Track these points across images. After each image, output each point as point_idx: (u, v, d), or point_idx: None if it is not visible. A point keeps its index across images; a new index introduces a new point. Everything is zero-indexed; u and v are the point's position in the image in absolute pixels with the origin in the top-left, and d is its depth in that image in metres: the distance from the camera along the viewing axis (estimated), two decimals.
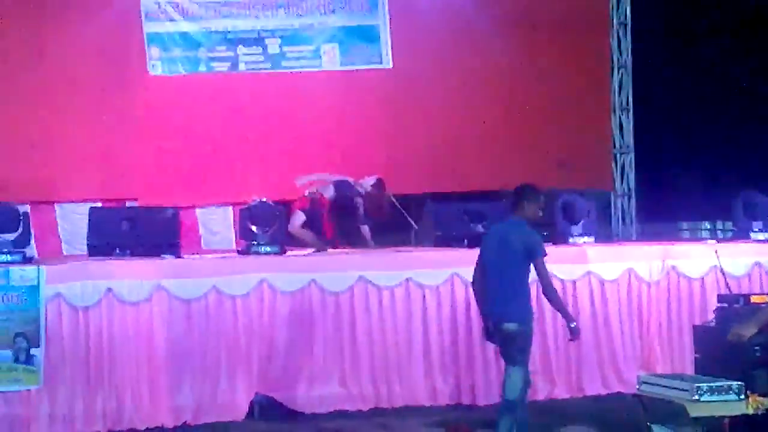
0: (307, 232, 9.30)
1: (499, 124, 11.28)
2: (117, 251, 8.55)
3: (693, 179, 12.68)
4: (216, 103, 10.84)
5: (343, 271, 8.46)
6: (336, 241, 9.49)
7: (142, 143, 10.60)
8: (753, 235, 9.48)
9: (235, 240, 10.19)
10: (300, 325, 8.31)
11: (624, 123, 12.05)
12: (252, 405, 8.18)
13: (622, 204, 12.06)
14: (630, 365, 8.83)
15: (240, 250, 9.02)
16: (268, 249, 8.68)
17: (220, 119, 10.82)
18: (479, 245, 9.02)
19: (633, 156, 12.05)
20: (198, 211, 10.89)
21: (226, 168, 10.77)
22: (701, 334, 7.50)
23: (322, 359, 8.34)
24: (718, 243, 9.43)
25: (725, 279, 8.54)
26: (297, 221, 9.24)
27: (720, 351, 6.85)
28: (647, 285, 9.00)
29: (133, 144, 10.55)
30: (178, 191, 10.49)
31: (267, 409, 8.20)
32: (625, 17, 11.96)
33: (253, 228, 8.85)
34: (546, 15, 11.54)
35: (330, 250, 9.27)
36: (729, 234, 10.74)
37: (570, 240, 9.29)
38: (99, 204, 10.14)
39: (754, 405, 6.22)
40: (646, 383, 6.73)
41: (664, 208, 12.84)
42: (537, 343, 8.68)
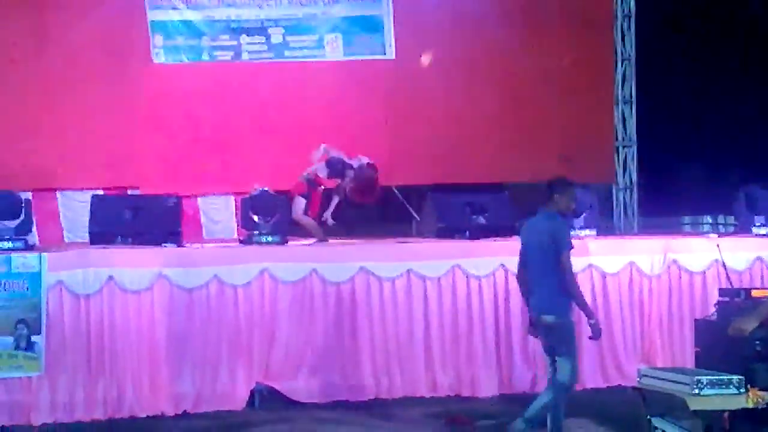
0: (311, 220, 9.28)
1: (502, 115, 11.27)
2: (119, 239, 8.56)
3: (695, 173, 12.67)
4: (219, 92, 10.83)
5: (345, 262, 8.47)
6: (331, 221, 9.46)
7: (144, 131, 10.59)
8: (755, 230, 9.48)
9: (237, 229, 10.19)
10: (301, 315, 8.32)
11: (627, 116, 12.03)
12: (252, 394, 8.20)
13: (624, 197, 12.05)
14: (631, 358, 8.84)
15: (241, 239, 9.03)
16: (269, 239, 8.68)
17: (222, 108, 10.80)
18: (480, 237, 9.08)
19: (635, 149, 12.04)
20: (200, 200, 10.89)
21: (228, 157, 10.76)
22: (702, 327, 7.50)
23: (322, 349, 8.35)
24: (719, 237, 9.43)
25: (726, 273, 8.55)
26: (299, 207, 9.22)
27: (721, 345, 6.86)
28: (648, 278, 9.00)
29: (136, 132, 10.55)
30: (180, 180, 10.47)
31: (267, 399, 8.22)
32: (629, 10, 11.92)
33: (255, 217, 8.86)
34: (550, 6, 11.51)
35: (331, 240, 9.27)
36: (731, 228, 10.73)
37: (572, 233, 9.27)
38: (101, 192, 10.14)
39: (754, 399, 6.22)
40: (646, 376, 6.73)
41: (666, 201, 12.84)
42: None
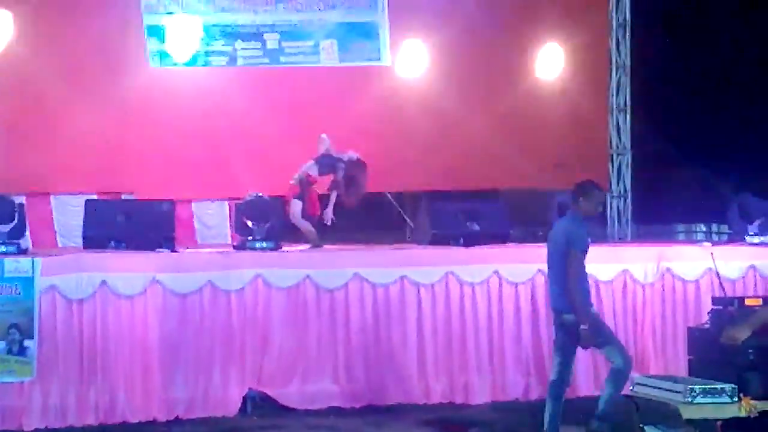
0: (307, 223, 9.25)
1: (497, 122, 11.27)
2: (112, 244, 8.54)
3: (689, 181, 12.67)
4: (214, 98, 10.81)
5: (339, 268, 8.46)
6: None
7: (139, 136, 10.56)
8: (748, 239, 9.50)
9: (231, 234, 10.17)
10: (294, 322, 8.31)
11: (621, 124, 12.05)
12: (245, 400, 8.18)
13: (617, 205, 12.06)
14: None
15: (235, 245, 9.01)
16: (263, 244, 8.67)
17: (217, 113, 10.79)
18: (474, 244, 9.09)
19: (630, 157, 12.06)
20: (194, 205, 10.87)
21: (222, 162, 10.74)
22: (695, 336, 7.51)
23: (315, 356, 8.34)
24: (713, 245, 9.44)
25: (720, 281, 8.56)
26: (296, 209, 9.20)
27: (714, 353, 6.86)
28: (642, 286, 9.01)
29: (130, 137, 10.52)
30: (174, 184, 10.45)
31: (260, 405, 8.20)
32: (625, 18, 11.95)
33: (249, 223, 8.85)
34: (545, 14, 11.54)
35: (326, 246, 9.26)
36: (724, 237, 10.74)
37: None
38: (95, 196, 10.10)
39: (746, 408, 6.23)
40: (639, 384, 6.74)
41: (659, 209, 12.83)
42: (531, 343, 8.73)
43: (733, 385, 6.31)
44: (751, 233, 9.52)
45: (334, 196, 9.43)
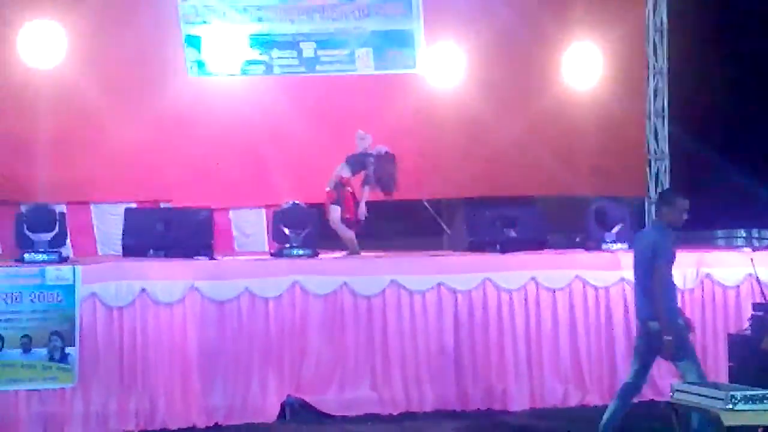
0: (348, 232, 9.27)
1: (533, 129, 11.23)
2: (151, 252, 8.64)
3: (729, 186, 12.55)
4: (251, 106, 10.88)
5: (376, 275, 8.48)
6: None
7: (177, 145, 10.65)
8: None
9: (268, 242, 10.23)
10: (332, 328, 8.34)
11: (659, 129, 11.97)
12: (283, 407, 8.21)
13: (656, 211, 11.97)
14: (663, 373, 8.73)
15: (273, 252, 9.07)
16: (300, 252, 8.72)
17: (254, 122, 10.86)
18: (511, 250, 9.08)
19: (668, 162, 11.97)
20: (231, 213, 10.93)
21: (259, 170, 10.80)
22: (736, 342, 7.45)
23: (353, 363, 8.36)
24: (753, 251, 9.34)
25: (761, 287, 8.48)
26: (335, 215, 9.23)
27: (755, 360, 6.81)
28: (681, 292, 8.89)
29: (169, 146, 10.62)
30: (212, 193, 10.53)
31: (298, 412, 8.23)
32: (662, 23, 11.88)
33: (286, 230, 8.90)
34: (580, 19, 11.49)
35: (363, 253, 9.28)
36: (765, 242, 10.63)
37: (603, 246, 9.26)
38: (134, 205, 10.21)
39: None
40: (679, 391, 6.67)
41: (698, 215, 12.69)
42: (569, 350, 8.69)
43: None
44: None
45: (366, 191, 9.40)
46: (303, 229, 8.89)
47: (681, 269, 8.92)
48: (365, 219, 9.40)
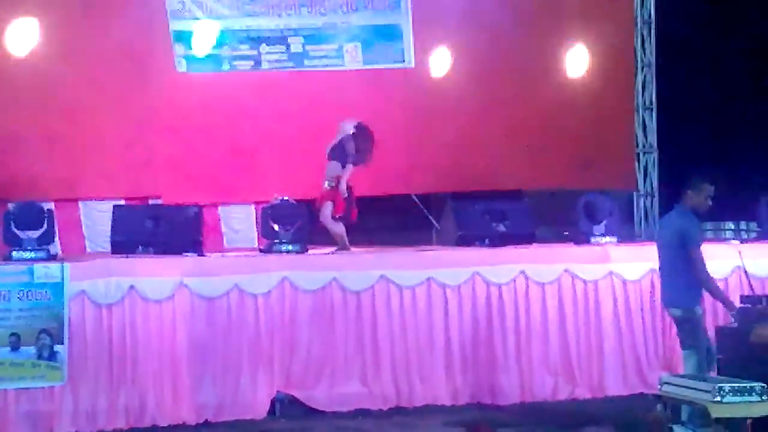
0: (339, 225, 9.25)
1: (522, 122, 11.24)
2: (140, 249, 8.61)
3: (717, 179, 12.58)
4: (239, 102, 10.86)
5: (365, 270, 8.48)
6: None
7: (166, 141, 10.63)
8: None
9: (258, 238, 10.22)
10: (321, 324, 8.34)
11: (647, 122, 11.99)
12: (273, 403, 8.21)
13: (645, 204, 12.00)
14: (652, 366, 8.81)
15: (262, 248, 9.06)
16: (290, 248, 8.71)
17: (243, 117, 10.84)
18: (500, 244, 9.08)
19: (656, 155, 12.00)
20: (220, 209, 10.92)
21: (248, 166, 10.78)
22: (724, 334, 7.45)
23: (343, 358, 8.36)
24: (741, 243, 9.36)
25: (748, 280, 8.49)
26: (328, 211, 9.22)
27: (743, 352, 6.82)
28: None
29: (157, 142, 10.59)
30: (200, 189, 10.51)
31: (288, 408, 8.23)
32: (650, 16, 11.89)
33: (275, 226, 8.89)
34: (570, 13, 11.50)
35: (352, 248, 9.28)
36: (753, 234, 10.65)
37: (592, 240, 9.28)
38: (122, 202, 10.18)
39: None
40: (668, 384, 6.69)
41: None
42: (558, 344, 8.71)
43: (763, 384, 6.25)
44: None
45: (348, 169, 9.31)
46: (292, 225, 8.88)
47: None
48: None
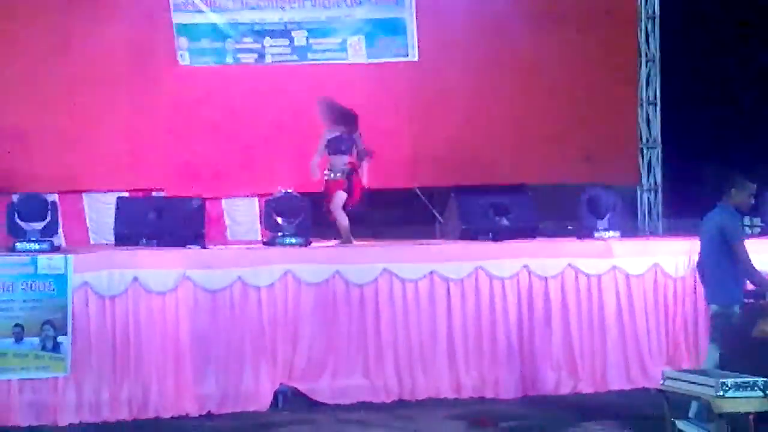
0: (345, 217, 9.24)
1: (526, 117, 11.23)
2: (143, 241, 8.63)
3: (721, 174, 12.58)
4: (243, 95, 10.86)
5: (368, 263, 8.48)
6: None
7: (169, 133, 10.64)
8: None
9: (261, 231, 10.22)
10: (324, 317, 8.34)
11: (651, 117, 11.96)
12: (276, 395, 8.23)
13: (648, 199, 11.98)
14: (655, 360, 8.81)
15: (265, 241, 9.06)
16: (293, 240, 8.72)
17: (246, 111, 10.84)
18: (504, 238, 9.09)
19: (660, 150, 11.98)
20: (224, 202, 10.92)
21: (252, 159, 10.79)
22: (726, 330, 7.44)
23: (346, 351, 8.37)
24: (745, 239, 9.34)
25: None
26: (339, 201, 9.22)
27: (745, 347, 6.82)
28: (673, 280, 8.96)
29: (160, 134, 10.60)
30: (204, 182, 10.52)
31: (291, 400, 8.25)
32: (654, 10, 11.86)
33: (279, 219, 8.90)
34: (574, 7, 11.47)
35: (355, 242, 9.28)
36: (757, 230, 10.64)
37: (595, 234, 9.27)
38: (126, 194, 10.19)
39: None
40: (670, 378, 6.69)
41: (690, 203, 12.72)
42: (561, 338, 8.71)
43: (766, 379, 6.25)
44: None
45: (365, 165, 9.30)
46: (295, 218, 8.89)
47: (672, 257, 8.98)
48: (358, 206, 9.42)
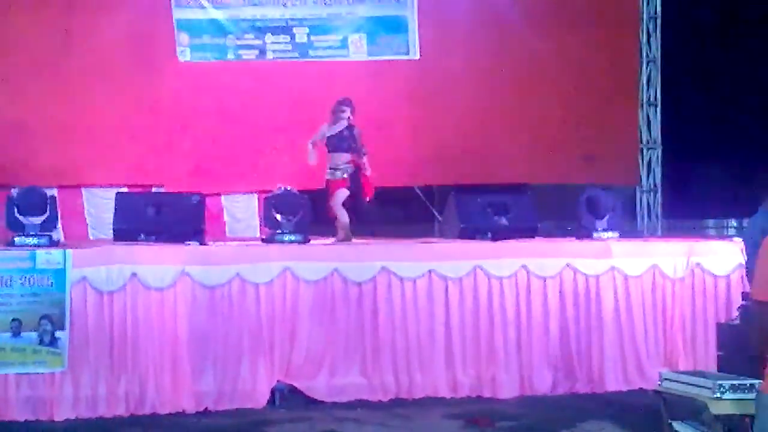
0: (345, 214, 9.25)
1: (526, 116, 11.24)
2: (142, 236, 8.62)
3: (720, 176, 12.59)
4: (243, 91, 10.86)
5: (366, 261, 8.48)
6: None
7: (169, 130, 10.64)
8: None
9: (260, 228, 10.22)
10: (322, 315, 8.34)
11: (651, 118, 11.96)
12: (273, 393, 8.22)
13: (647, 199, 11.99)
14: (652, 362, 8.79)
15: (264, 238, 9.06)
16: (292, 238, 8.71)
17: (247, 107, 10.84)
18: (503, 238, 9.09)
19: (660, 151, 11.98)
20: (223, 198, 10.93)
21: (251, 156, 10.79)
22: (725, 332, 7.46)
23: (343, 349, 8.36)
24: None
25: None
26: (340, 197, 9.22)
27: (743, 349, 6.81)
28: (671, 281, 8.96)
29: (160, 130, 10.61)
30: (203, 178, 10.52)
31: (288, 398, 8.24)
32: (655, 11, 11.86)
33: (278, 216, 8.90)
34: (575, 8, 11.47)
35: (354, 240, 9.28)
36: None
37: (594, 235, 9.27)
38: (125, 189, 10.19)
39: None
40: (667, 380, 6.70)
41: (690, 204, 12.76)
42: (559, 338, 8.71)
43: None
44: None
45: (365, 159, 9.29)
46: (295, 215, 8.88)
47: (671, 258, 8.97)
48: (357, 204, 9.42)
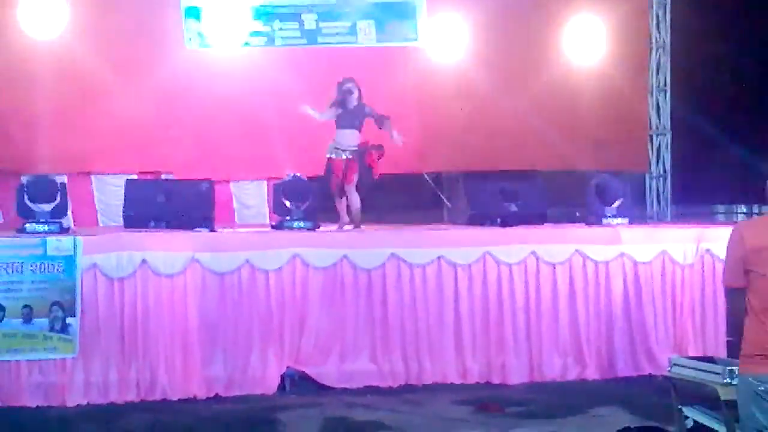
0: (358, 199, 9.24)
1: (535, 102, 11.20)
2: (152, 223, 8.65)
3: (729, 162, 12.55)
4: (252, 78, 10.84)
5: (376, 248, 8.49)
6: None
7: (178, 116, 10.63)
8: None
9: (269, 214, 10.23)
10: (332, 301, 8.36)
11: (661, 104, 11.94)
12: (283, 379, 8.25)
13: (657, 186, 11.97)
14: (662, 347, 8.81)
15: (273, 224, 9.08)
16: (301, 224, 8.73)
17: (255, 94, 10.82)
18: (512, 224, 9.09)
19: (669, 137, 11.96)
20: (232, 185, 10.94)
21: (261, 142, 10.78)
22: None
23: (353, 335, 8.39)
24: None
25: None
26: (353, 181, 9.25)
27: None
28: (681, 267, 8.96)
29: (170, 117, 10.60)
30: (213, 165, 10.53)
31: (298, 384, 8.27)
32: None
33: (287, 203, 8.91)
34: None
35: (363, 226, 9.29)
36: None
37: (604, 221, 9.27)
38: (135, 176, 10.21)
39: None
40: (677, 365, 6.69)
41: (699, 190, 12.72)
42: (568, 324, 8.72)
43: None
44: None
45: (389, 126, 9.32)
46: (304, 202, 8.90)
47: (681, 244, 8.97)
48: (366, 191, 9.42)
